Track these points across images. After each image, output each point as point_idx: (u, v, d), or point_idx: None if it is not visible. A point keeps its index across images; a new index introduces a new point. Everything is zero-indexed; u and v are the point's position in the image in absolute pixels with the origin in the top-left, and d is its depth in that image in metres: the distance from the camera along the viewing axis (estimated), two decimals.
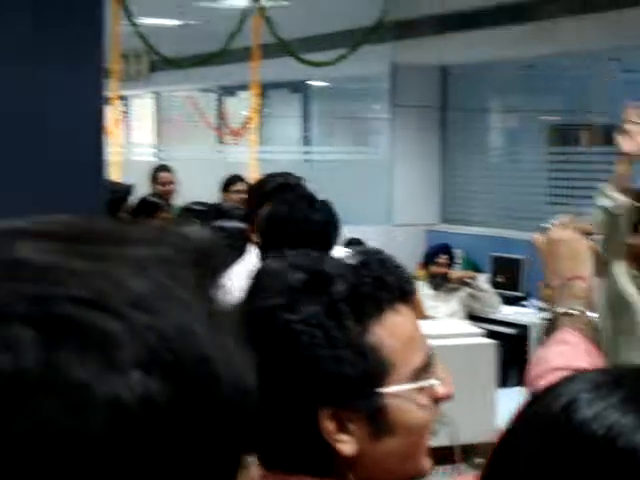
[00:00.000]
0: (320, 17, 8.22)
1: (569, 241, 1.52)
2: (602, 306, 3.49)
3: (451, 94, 8.92)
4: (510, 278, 7.33)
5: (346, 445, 1.07)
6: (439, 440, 2.35)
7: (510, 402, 1.29)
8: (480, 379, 2.45)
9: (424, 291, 6.76)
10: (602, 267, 4.58)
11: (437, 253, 7.03)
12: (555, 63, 8.52)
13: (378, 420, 1.08)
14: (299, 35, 8.40)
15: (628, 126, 3.44)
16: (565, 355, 1.37)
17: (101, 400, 0.45)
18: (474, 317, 6.81)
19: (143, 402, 0.46)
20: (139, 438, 0.46)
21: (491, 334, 6.68)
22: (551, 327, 1.47)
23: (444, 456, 1.45)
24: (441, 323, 3.28)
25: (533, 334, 6.33)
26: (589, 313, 1.47)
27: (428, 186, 8.71)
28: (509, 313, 6.90)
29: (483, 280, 6.97)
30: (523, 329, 6.56)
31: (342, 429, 1.07)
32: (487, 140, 9.20)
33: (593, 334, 1.45)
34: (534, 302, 6.76)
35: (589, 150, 8.62)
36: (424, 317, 6.07)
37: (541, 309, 6.17)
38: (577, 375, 0.78)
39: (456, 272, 7.07)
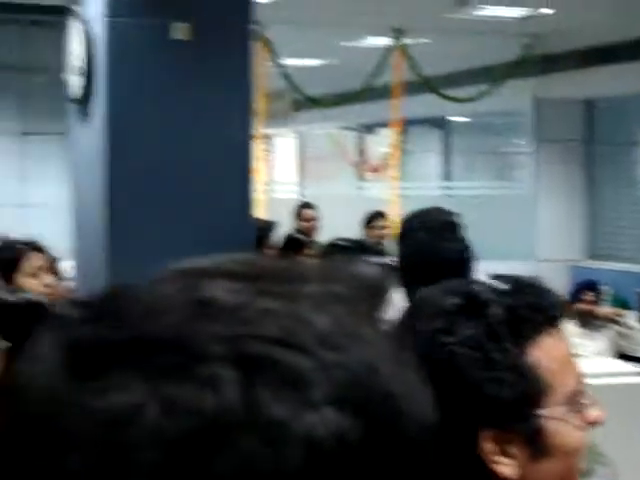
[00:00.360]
0: (461, 53, 8.21)
1: None
2: None
3: (597, 127, 8.74)
4: None
5: (507, 468, 1.07)
6: None
7: None
8: (638, 419, 2.37)
9: (570, 329, 6.61)
10: None
11: (583, 290, 6.86)
12: None
13: (537, 442, 1.08)
14: (440, 72, 8.42)
15: None
16: None
17: (298, 436, 0.46)
18: (623, 356, 6.62)
19: (337, 439, 0.46)
20: (333, 475, 0.46)
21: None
22: None
23: None
24: (595, 362, 3.20)
25: None
26: None
27: (573, 221, 8.53)
28: None
29: (632, 318, 6.76)
30: None
31: (502, 452, 1.07)
32: (635, 174, 8.96)
33: None
34: None
35: None
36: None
37: None
38: None
39: (603, 309, 6.88)
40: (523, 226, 8.56)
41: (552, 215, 8.45)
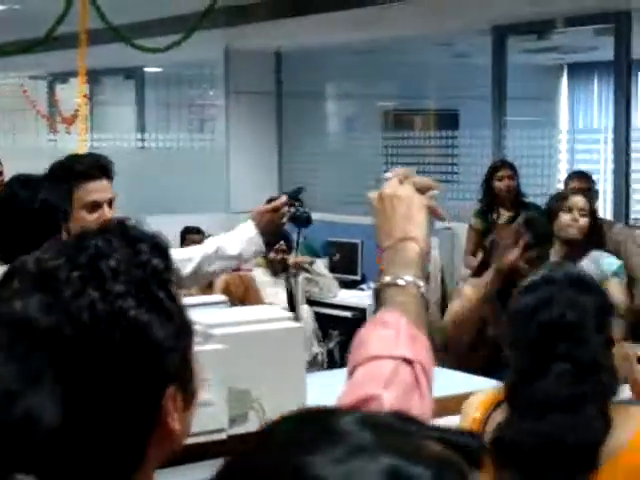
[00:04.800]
0: (153, 1, 8.03)
1: (404, 197, 1.32)
2: None
3: (286, 79, 8.90)
4: (348, 262, 7.39)
5: (176, 422, 1.01)
6: (251, 426, 2.32)
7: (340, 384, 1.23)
8: (289, 363, 2.41)
9: (263, 278, 6.72)
10: None
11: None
12: (389, 49, 8.62)
13: (189, 390, 1.04)
14: (131, 20, 8.20)
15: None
16: (387, 341, 1.21)
17: None
18: (313, 302, 6.84)
19: None
20: None
21: (330, 318, 6.82)
22: (377, 300, 1.28)
23: None
24: (251, 309, 3.22)
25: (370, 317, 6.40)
26: (420, 282, 1.26)
27: (266, 173, 8.67)
28: (347, 297, 6.96)
29: (321, 265, 6.99)
30: (362, 312, 6.63)
31: (175, 407, 1.01)
32: (324, 126, 9.24)
33: (422, 308, 1.26)
34: (371, 285, 6.83)
35: (424, 135, 8.78)
36: (263, 303, 6.05)
37: None
38: None
39: (294, 258, 7.06)
40: (217, 178, 8.60)
41: (245, 167, 8.54)
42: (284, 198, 2.95)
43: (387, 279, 1.27)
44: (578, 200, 4.25)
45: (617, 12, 6.65)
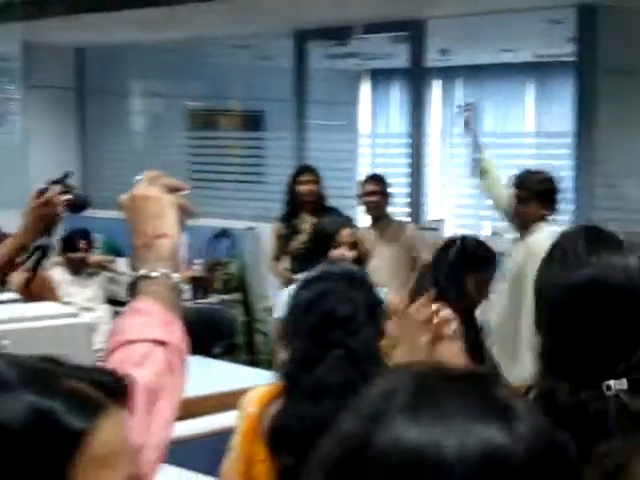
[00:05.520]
0: None
1: (153, 197, 1.41)
2: None
3: (88, 75, 8.76)
4: None
5: None
6: None
7: None
8: (74, 359, 2.41)
9: (63, 277, 6.61)
10: None
11: (75, 238, 6.87)
12: (194, 48, 8.63)
13: None
14: None
15: None
16: (141, 326, 1.31)
17: None
18: (115, 301, 6.77)
19: None
20: None
21: None
22: (133, 292, 1.36)
23: None
24: (35, 306, 3.22)
25: None
26: (172, 274, 1.37)
27: (67, 169, 8.49)
28: None
29: (123, 264, 6.93)
30: None
31: None
32: (129, 124, 9.14)
33: (175, 296, 1.36)
34: None
35: (228, 134, 8.84)
36: (60, 302, 5.94)
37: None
38: None
39: (94, 257, 6.98)
40: (16, 174, 8.36)
41: (45, 164, 8.33)
42: (57, 188, 2.87)
43: (142, 272, 1.36)
44: (346, 234, 4.17)
45: (412, 20, 6.91)
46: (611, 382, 1.48)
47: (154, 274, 1.35)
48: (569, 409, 1.50)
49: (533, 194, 4.72)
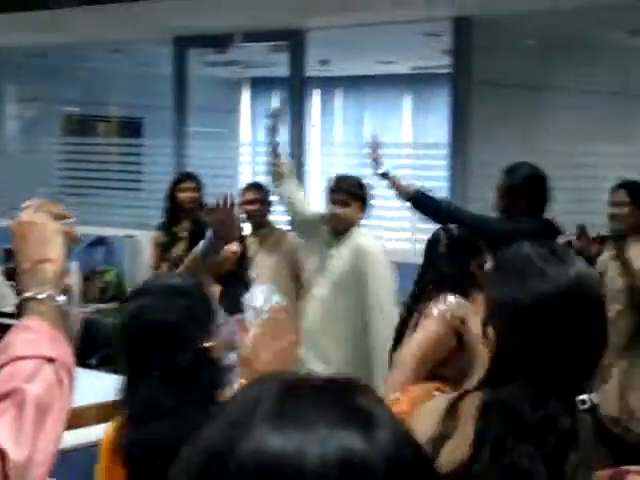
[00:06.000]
0: None
1: (39, 224, 1.49)
2: None
3: None
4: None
5: None
6: None
7: None
8: None
9: None
10: None
11: None
12: (73, 54, 8.48)
13: None
14: None
15: None
16: (29, 343, 1.36)
17: None
18: None
19: None
20: None
21: (8, 327, 6.59)
22: (21, 313, 1.43)
23: None
24: None
25: None
26: (57, 297, 1.45)
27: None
28: None
29: None
30: None
31: None
32: (2, 128, 8.91)
33: (61, 317, 1.44)
34: None
35: (105, 141, 8.71)
36: None
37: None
38: None
39: None
40: None
41: None
42: None
43: (28, 294, 1.43)
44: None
45: (292, 30, 6.96)
46: (585, 396, 1.49)
47: (40, 296, 1.43)
48: (535, 422, 1.49)
49: (353, 197, 4.88)
